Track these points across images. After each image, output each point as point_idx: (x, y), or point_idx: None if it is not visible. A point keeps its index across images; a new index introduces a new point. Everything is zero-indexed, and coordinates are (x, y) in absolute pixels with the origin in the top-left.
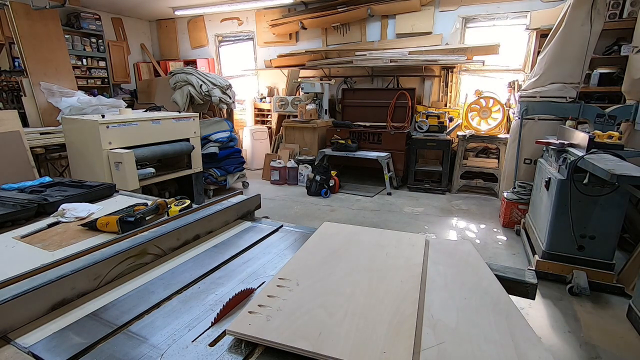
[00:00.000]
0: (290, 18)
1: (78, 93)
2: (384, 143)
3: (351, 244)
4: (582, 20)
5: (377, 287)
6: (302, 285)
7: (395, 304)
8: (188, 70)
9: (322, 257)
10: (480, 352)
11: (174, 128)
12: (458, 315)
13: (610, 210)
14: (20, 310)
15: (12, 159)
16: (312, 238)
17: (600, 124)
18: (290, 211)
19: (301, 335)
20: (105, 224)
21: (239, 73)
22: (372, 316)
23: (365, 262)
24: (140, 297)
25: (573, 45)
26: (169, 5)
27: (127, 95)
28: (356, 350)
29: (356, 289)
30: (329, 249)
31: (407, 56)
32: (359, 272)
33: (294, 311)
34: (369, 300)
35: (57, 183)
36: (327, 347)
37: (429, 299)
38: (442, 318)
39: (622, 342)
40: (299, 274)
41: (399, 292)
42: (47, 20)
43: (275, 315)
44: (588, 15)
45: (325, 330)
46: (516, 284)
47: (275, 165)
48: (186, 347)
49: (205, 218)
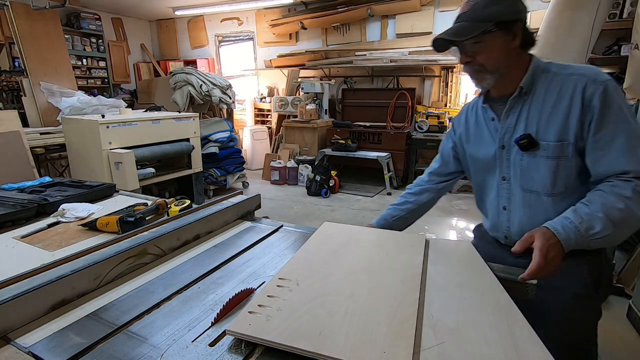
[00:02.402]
0: (290, 18)
1: (78, 93)
2: (384, 143)
3: (351, 244)
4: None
5: (377, 287)
6: (302, 285)
7: (395, 304)
8: (188, 70)
9: (322, 257)
10: (481, 352)
11: (174, 128)
12: (458, 315)
13: None
14: (20, 310)
15: (12, 159)
16: (312, 238)
17: None
18: (290, 211)
19: (301, 335)
20: (105, 224)
21: (239, 73)
22: (372, 316)
23: (365, 262)
24: (140, 297)
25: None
26: (169, 5)
27: (127, 95)
28: (356, 350)
29: (356, 289)
30: (329, 249)
31: (407, 56)
32: (359, 273)
33: (293, 311)
34: (369, 301)
35: (57, 183)
36: (327, 347)
37: (429, 299)
38: (442, 318)
39: (622, 342)
40: (299, 274)
41: (399, 292)
42: (47, 20)
43: (275, 315)
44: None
45: (325, 330)
46: (516, 284)
47: (275, 165)
48: (186, 347)
49: (205, 218)
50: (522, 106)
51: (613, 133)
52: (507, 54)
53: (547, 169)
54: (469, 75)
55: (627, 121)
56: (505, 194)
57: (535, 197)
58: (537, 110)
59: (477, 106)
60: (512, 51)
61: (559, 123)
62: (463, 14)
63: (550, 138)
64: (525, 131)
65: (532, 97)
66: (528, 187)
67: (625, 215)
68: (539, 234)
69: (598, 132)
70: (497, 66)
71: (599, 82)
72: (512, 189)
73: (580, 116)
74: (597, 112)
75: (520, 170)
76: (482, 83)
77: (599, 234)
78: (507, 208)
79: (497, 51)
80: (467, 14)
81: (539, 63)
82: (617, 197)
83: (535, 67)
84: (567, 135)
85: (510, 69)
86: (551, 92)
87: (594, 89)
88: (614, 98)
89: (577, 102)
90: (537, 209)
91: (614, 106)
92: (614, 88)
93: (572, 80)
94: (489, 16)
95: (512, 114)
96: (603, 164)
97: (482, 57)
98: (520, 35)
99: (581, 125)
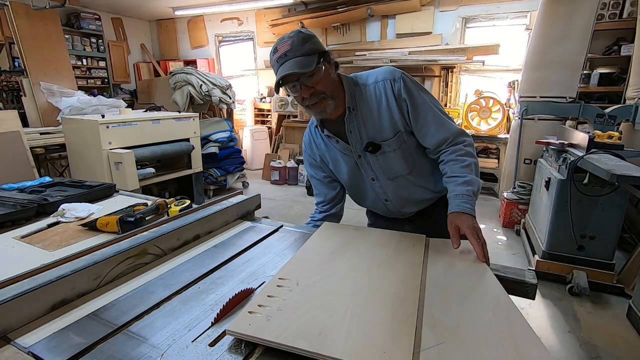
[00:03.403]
0: (290, 18)
1: (78, 93)
2: None
3: (351, 244)
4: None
5: (377, 288)
6: (302, 285)
7: (396, 304)
8: (188, 70)
9: (322, 257)
10: (481, 352)
11: (174, 128)
12: (458, 316)
13: (610, 210)
14: (20, 310)
15: (12, 159)
16: (312, 238)
17: (600, 124)
18: (290, 211)
19: (301, 335)
20: (105, 224)
21: (239, 73)
22: (372, 316)
23: (365, 262)
24: (140, 297)
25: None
26: (169, 5)
27: (127, 95)
28: (356, 350)
29: (356, 289)
30: (329, 249)
31: (407, 56)
32: (359, 272)
33: (293, 311)
34: (369, 300)
35: (57, 183)
36: (327, 347)
37: (429, 299)
38: (442, 318)
39: (622, 342)
40: (299, 274)
41: (399, 292)
42: (47, 20)
43: (275, 315)
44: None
45: (325, 330)
46: (516, 284)
47: (275, 165)
48: (186, 347)
49: (205, 218)
50: (356, 120)
51: (424, 113)
52: (333, 79)
53: (397, 158)
54: (312, 109)
55: (427, 102)
56: (380, 190)
57: (402, 179)
58: (367, 120)
59: (317, 137)
60: (334, 75)
61: (388, 122)
62: (286, 53)
63: (387, 136)
64: (367, 139)
65: (359, 111)
66: (392, 176)
67: (473, 163)
68: (461, 223)
69: (415, 116)
70: (332, 91)
71: (397, 78)
72: (382, 184)
73: (399, 109)
74: (408, 101)
75: (380, 167)
76: (326, 109)
77: (478, 189)
78: (388, 199)
79: (328, 78)
80: (292, 52)
81: (347, 79)
82: (461, 158)
83: (348, 84)
84: (398, 127)
85: (338, 91)
86: (370, 102)
87: (398, 86)
88: (412, 86)
89: (392, 100)
90: (406, 186)
91: (414, 93)
92: (409, 79)
93: (380, 86)
94: (310, 50)
95: (351, 129)
96: (429, 138)
97: (321, 85)
98: (332, 62)
99: (402, 116)
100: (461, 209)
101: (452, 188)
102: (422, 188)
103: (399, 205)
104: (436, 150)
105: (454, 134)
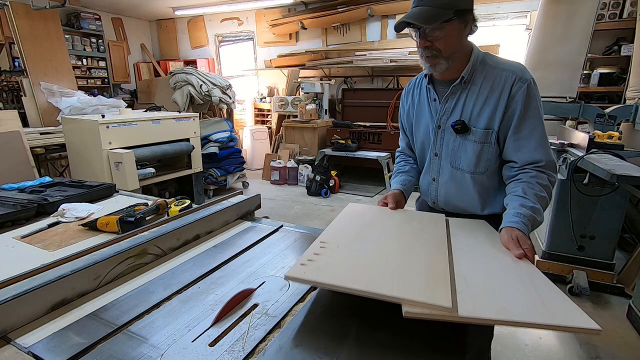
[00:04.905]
0: (290, 18)
1: (78, 93)
2: (384, 143)
3: (378, 220)
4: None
5: (409, 251)
6: (342, 247)
7: (429, 263)
8: (188, 70)
9: (354, 230)
10: (509, 297)
11: (174, 128)
12: (485, 273)
13: (610, 210)
14: (20, 310)
15: (12, 159)
16: (338, 217)
17: (600, 124)
18: (290, 211)
19: (352, 280)
20: (105, 224)
21: (239, 73)
22: (410, 270)
23: (394, 233)
24: (140, 297)
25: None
26: (169, 5)
27: (127, 95)
28: (403, 289)
29: (391, 251)
30: (357, 224)
31: (407, 56)
32: (391, 240)
33: (341, 263)
34: (405, 260)
35: (57, 183)
36: (377, 287)
37: (457, 262)
38: (471, 274)
39: (622, 342)
40: (338, 240)
41: (430, 255)
42: (47, 20)
43: (325, 266)
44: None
45: (372, 277)
46: None
47: (275, 165)
48: (186, 347)
49: (205, 218)
50: (461, 93)
51: (532, 127)
52: (460, 42)
53: (473, 152)
54: (424, 59)
55: (541, 118)
56: (435, 167)
57: (460, 174)
58: (473, 99)
59: (422, 85)
60: (463, 39)
61: (488, 113)
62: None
63: (480, 125)
64: (460, 117)
65: (470, 86)
66: (455, 165)
67: (547, 201)
68: (514, 234)
69: (521, 124)
70: (451, 52)
71: (525, 80)
72: (441, 164)
73: (504, 109)
74: (520, 107)
75: (451, 149)
76: (435, 67)
77: (539, 224)
78: (436, 180)
79: (453, 38)
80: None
81: (479, 53)
82: (540, 187)
83: (476, 57)
84: (493, 124)
85: (459, 56)
86: (486, 84)
87: (519, 86)
88: (534, 96)
89: (505, 96)
90: (460, 183)
91: (533, 104)
92: (534, 87)
93: (504, 75)
94: (448, 5)
95: (451, 99)
96: (524, 152)
97: (440, 43)
98: (470, 25)
99: (503, 116)
100: (519, 227)
101: (517, 206)
102: (471, 196)
103: (441, 192)
104: (521, 167)
105: (549, 162)
